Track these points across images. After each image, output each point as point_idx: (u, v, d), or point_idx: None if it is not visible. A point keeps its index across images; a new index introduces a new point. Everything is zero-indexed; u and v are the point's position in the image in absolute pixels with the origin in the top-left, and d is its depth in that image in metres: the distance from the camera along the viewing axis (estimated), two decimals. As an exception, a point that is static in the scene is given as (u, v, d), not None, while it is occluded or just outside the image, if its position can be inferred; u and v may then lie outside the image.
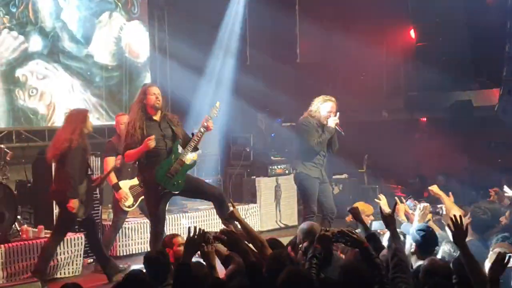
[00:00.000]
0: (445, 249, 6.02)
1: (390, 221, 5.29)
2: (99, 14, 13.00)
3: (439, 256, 5.88)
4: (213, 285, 4.81)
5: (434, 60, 13.72)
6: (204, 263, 5.29)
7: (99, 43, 12.94)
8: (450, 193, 7.90)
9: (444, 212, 7.59)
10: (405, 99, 15.05)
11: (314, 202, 9.03)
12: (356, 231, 5.39)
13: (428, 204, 6.98)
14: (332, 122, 8.98)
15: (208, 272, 5.12)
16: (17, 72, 11.76)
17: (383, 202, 7.20)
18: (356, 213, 6.02)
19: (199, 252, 5.23)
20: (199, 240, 5.07)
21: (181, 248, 6.43)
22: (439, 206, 7.83)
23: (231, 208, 6.42)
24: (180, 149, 8.13)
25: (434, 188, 7.80)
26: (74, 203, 8.23)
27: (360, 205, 8.32)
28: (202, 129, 8.04)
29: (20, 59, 11.79)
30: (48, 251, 8.47)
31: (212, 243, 5.20)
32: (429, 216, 7.14)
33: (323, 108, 9.12)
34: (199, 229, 5.08)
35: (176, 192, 8.17)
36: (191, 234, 5.08)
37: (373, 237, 5.49)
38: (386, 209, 5.88)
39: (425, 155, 14.33)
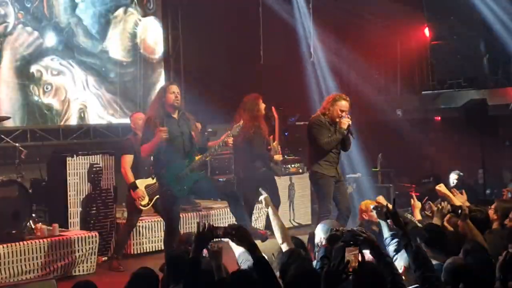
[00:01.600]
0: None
1: (396, 219, 5.23)
2: (114, 9, 12.99)
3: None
4: (219, 284, 4.84)
5: (448, 59, 13.68)
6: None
7: (114, 39, 12.94)
8: (463, 191, 7.87)
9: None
10: (419, 98, 15.00)
11: (330, 201, 9.01)
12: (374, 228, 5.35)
13: (446, 202, 6.90)
14: (345, 123, 8.94)
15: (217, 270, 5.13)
16: (31, 68, 11.82)
17: (382, 200, 7.16)
18: (380, 212, 5.95)
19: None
20: (208, 235, 5.09)
21: None
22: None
23: (263, 196, 6.48)
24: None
25: (442, 188, 7.75)
26: None
27: (368, 202, 8.27)
28: (221, 143, 8.06)
29: (35, 54, 11.85)
30: None
31: (221, 237, 5.22)
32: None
33: (336, 106, 9.10)
34: (208, 224, 5.09)
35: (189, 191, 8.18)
36: (200, 230, 5.10)
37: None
38: (389, 207, 5.82)
39: (439, 154, 14.28)
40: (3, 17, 11.46)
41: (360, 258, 4.11)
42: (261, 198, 6.74)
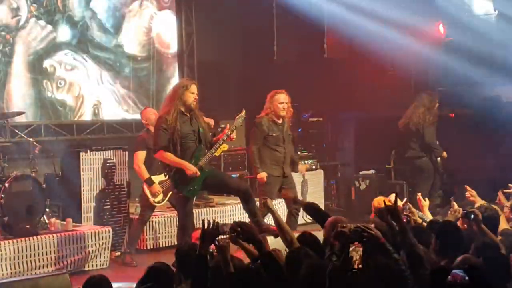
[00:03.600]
0: None
1: (396, 214, 5.21)
2: (129, 3, 12.81)
3: None
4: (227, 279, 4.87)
5: (463, 55, 13.60)
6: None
7: (128, 33, 12.77)
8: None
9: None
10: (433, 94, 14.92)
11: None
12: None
13: (460, 208, 6.85)
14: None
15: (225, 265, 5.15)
16: (44, 63, 11.67)
17: (392, 197, 7.15)
18: (382, 215, 5.95)
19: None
20: (214, 232, 5.13)
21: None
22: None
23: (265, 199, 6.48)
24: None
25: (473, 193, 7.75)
26: None
27: (381, 199, 8.24)
28: (224, 137, 8.05)
29: (48, 49, 11.70)
30: None
31: (228, 234, 5.25)
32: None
33: (275, 102, 9.50)
34: (213, 221, 5.13)
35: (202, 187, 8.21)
36: (205, 227, 5.13)
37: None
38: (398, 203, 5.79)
39: (453, 150, 14.22)
40: (15, 10, 11.32)
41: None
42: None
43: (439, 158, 11.50)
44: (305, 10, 13.82)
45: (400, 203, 6.33)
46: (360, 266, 4.12)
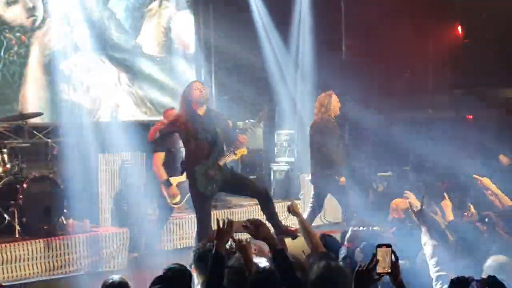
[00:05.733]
0: None
1: (421, 216, 5.19)
2: (148, 2, 12.69)
3: None
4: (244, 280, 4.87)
5: (481, 57, 13.56)
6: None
7: (147, 34, 12.64)
8: None
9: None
10: (451, 96, 14.89)
11: None
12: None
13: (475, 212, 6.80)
14: None
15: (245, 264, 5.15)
16: (61, 65, 11.53)
17: (411, 197, 7.10)
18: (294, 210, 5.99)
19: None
20: (228, 230, 5.14)
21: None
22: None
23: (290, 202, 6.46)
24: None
25: (486, 181, 7.59)
26: None
27: (399, 201, 8.20)
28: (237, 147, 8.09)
29: (65, 50, 11.55)
30: None
31: (240, 232, 5.28)
32: None
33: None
34: (227, 219, 5.14)
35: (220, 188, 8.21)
36: (221, 225, 5.14)
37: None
38: (416, 204, 5.77)
39: (470, 152, 14.16)
40: (31, 11, 11.21)
41: (393, 258, 4.07)
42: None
43: None
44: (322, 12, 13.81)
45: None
46: (388, 270, 4.07)
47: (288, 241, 7.54)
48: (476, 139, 13.92)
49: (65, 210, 9.37)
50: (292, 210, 6.42)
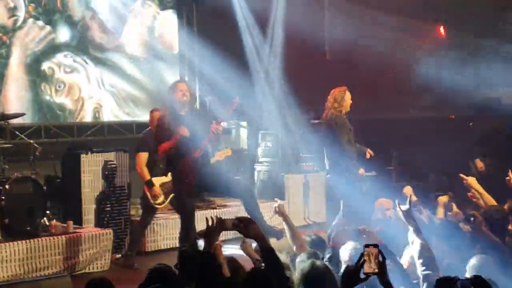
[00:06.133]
0: None
1: (408, 215, 5.19)
2: (131, 2, 12.54)
3: None
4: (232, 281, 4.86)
5: (463, 57, 13.61)
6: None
7: (130, 34, 12.50)
8: None
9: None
10: (433, 96, 14.95)
11: None
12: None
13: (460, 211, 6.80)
14: None
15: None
16: (43, 65, 11.42)
17: (409, 191, 7.11)
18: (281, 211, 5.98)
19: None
20: (218, 228, 5.12)
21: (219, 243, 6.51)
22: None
23: (277, 203, 6.47)
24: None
25: (471, 181, 7.60)
26: None
27: (383, 201, 8.23)
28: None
29: (47, 51, 11.44)
30: None
31: (230, 230, 5.27)
32: None
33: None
34: (216, 217, 5.13)
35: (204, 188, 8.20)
36: (209, 223, 5.12)
37: None
38: (414, 199, 5.75)
39: (452, 153, 14.22)
40: (12, 10, 11.06)
41: (380, 258, 4.06)
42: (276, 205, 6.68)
43: None
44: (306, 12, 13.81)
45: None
46: (376, 270, 4.06)
47: (273, 241, 7.53)
48: (458, 139, 13.99)
49: (47, 211, 9.30)
50: (278, 211, 6.42)
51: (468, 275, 4.81)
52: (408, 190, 7.27)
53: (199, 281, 4.93)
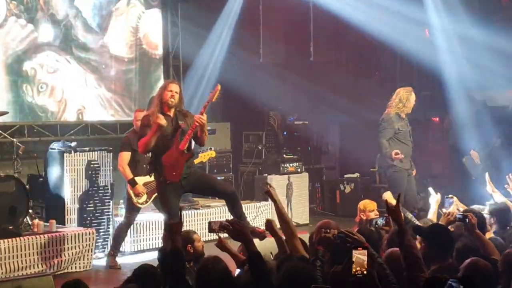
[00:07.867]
0: None
1: (395, 215, 5.16)
2: (116, 1, 12.33)
3: None
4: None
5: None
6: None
7: (115, 33, 12.27)
8: None
9: None
10: (418, 98, 14.95)
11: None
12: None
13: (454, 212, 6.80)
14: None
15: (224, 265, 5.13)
16: (25, 65, 11.16)
17: (387, 195, 7.13)
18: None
19: None
20: (178, 224, 5.16)
21: (200, 244, 6.51)
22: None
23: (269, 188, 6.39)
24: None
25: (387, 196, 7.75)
26: None
27: (367, 202, 8.23)
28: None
29: (29, 50, 11.19)
30: None
31: (218, 232, 5.26)
32: None
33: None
34: (180, 210, 5.17)
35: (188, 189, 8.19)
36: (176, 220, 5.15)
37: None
38: (392, 202, 5.75)
39: (437, 154, 14.27)
40: None
41: (370, 259, 4.07)
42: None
43: None
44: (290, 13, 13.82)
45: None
46: (365, 272, 4.07)
47: (256, 241, 7.52)
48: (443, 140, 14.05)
49: (30, 210, 9.27)
50: (269, 195, 6.29)
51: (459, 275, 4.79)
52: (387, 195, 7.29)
53: (175, 279, 4.94)
